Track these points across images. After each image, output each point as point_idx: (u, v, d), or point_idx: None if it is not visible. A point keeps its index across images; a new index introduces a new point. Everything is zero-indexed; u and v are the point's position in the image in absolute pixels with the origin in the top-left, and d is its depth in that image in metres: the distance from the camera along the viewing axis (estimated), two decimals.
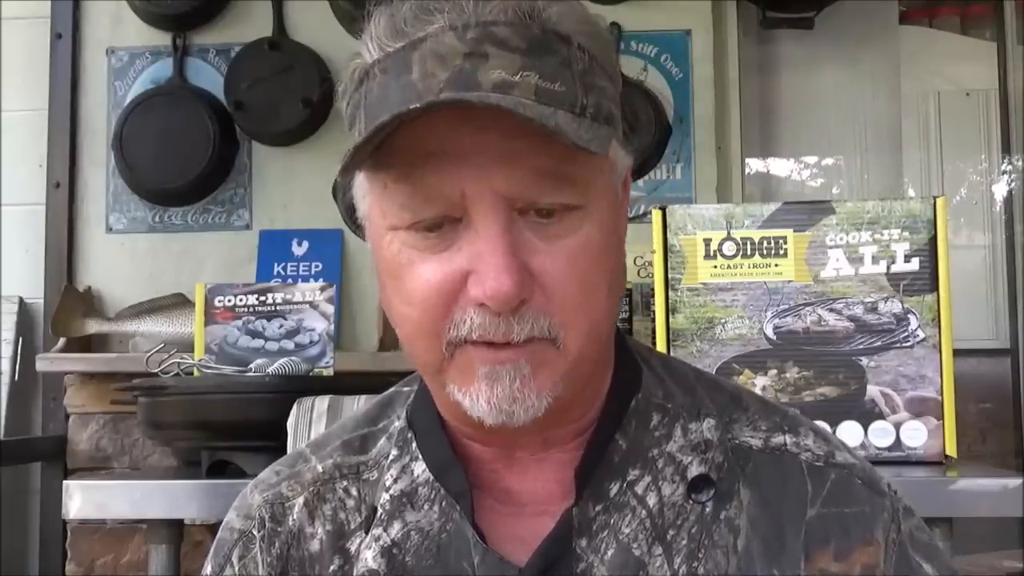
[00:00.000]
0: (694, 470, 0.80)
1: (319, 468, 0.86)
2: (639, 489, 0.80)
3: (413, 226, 0.74)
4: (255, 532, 0.85)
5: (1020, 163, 3.18)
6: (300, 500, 0.85)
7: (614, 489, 0.80)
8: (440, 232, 0.74)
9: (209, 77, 2.78)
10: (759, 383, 1.56)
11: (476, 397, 0.74)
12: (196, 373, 1.86)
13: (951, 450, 1.53)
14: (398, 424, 0.86)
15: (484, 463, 0.82)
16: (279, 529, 0.85)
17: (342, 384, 1.84)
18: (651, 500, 0.79)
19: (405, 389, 0.89)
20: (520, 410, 0.74)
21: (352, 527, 0.83)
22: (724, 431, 0.83)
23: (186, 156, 2.68)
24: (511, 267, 0.71)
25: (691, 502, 0.79)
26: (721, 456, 0.81)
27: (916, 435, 1.54)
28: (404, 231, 0.75)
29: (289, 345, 1.91)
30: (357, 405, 1.56)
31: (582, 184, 0.74)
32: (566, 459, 0.81)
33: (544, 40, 0.73)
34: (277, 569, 0.84)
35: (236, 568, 0.85)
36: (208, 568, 0.88)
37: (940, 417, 1.54)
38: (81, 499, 1.64)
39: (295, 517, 0.85)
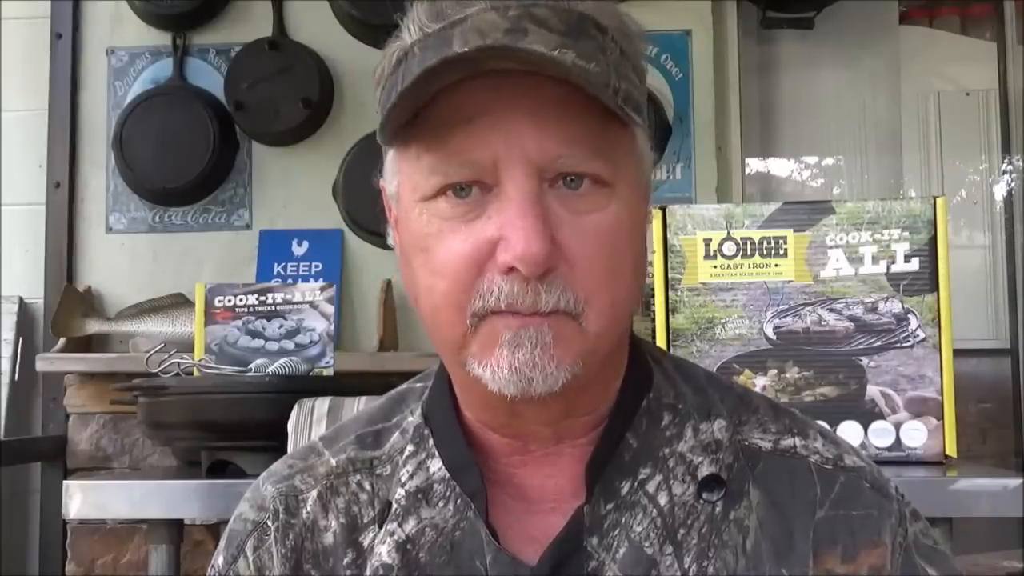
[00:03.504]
0: (705, 470, 0.80)
1: (332, 462, 0.86)
2: (650, 488, 0.79)
3: (443, 192, 0.75)
4: (269, 523, 0.85)
5: (1020, 163, 3.18)
6: (314, 493, 0.85)
7: (625, 487, 0.79)
8: (470, 200, 0.74)
9: (209, 77, 2.78)
10: (759, 383, 1.56)
11: (498, 364, 0.74)
12: (196, 373, 1.86)
13: (951, 450, 1.53)
14: (412, 420, 0.86)
15: (499, 456, 0.82)
16: (293, 521, 0.85)
17: (342, 384, 1.84)
18: (662, 499, 0.79)
19: (418, 385, 0.89)
20: (539, 377, 0.73)
21: (365, 521, 0.83)
22: (734, 432, 0.83)
23: (186, 156, 2.68)
24: (541, 231, 0.72)
25: (702, 502, 0.79)
26: (731, 457, 0.81)
27: (916, 435, 1.53)
28: (434, 200, 0.75)
29: (289, 345, 1.91)
30: (358, 407, 1.56)
31: (611, 162, 0.75)
32: (577, 455, 0.81)
33: (581, 25, 0.74)
34: (291, 561, 0.83)
35: (251, 559, 0.85)
36: (220, 559, 0.87)
37: (940, 417, 1.53)
38: (81, 499, 1.64)
39: (309, 510, 0.85)
